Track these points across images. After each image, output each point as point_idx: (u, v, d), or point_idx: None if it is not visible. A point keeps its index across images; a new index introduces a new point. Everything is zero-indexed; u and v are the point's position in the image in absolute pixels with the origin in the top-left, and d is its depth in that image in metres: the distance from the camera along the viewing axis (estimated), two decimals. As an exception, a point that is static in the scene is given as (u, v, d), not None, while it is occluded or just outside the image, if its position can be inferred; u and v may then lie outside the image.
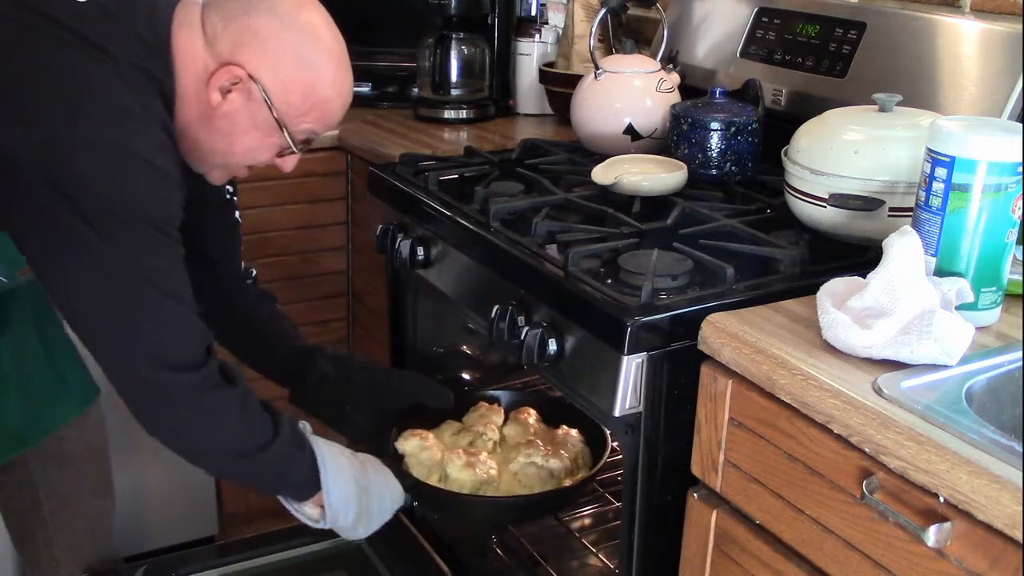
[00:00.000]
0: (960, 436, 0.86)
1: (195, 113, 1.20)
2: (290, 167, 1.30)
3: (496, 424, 1.56)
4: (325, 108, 1.23)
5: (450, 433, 1.54)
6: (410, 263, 1.54)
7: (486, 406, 1.60)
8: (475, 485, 1.43)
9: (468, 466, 1.43)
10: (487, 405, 1.61)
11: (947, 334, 0.97)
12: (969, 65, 1.44)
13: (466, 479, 1.42)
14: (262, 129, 1.22)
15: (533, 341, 1.22)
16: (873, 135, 1.27)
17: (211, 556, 1.68)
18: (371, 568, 1.63)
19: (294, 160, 1.29)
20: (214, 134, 1.22)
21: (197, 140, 1.23)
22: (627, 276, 1.23)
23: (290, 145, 1.24)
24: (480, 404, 1.61)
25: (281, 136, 1.22)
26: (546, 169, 1.67)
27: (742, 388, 1.06)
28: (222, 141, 1.23)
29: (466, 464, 1.43)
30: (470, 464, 1.43)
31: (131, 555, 1.85)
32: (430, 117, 2.23)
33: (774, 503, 1.04)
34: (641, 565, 1.23)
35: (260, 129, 1.22)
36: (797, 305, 1.13)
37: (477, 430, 1.53)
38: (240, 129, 1.22)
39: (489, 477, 1.43)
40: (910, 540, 0.88)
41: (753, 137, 1.57)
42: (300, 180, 2.12)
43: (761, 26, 1.78)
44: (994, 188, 1.03)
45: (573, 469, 1.48)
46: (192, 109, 1.20)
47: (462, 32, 2.22)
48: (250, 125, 1.21)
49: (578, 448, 1.52)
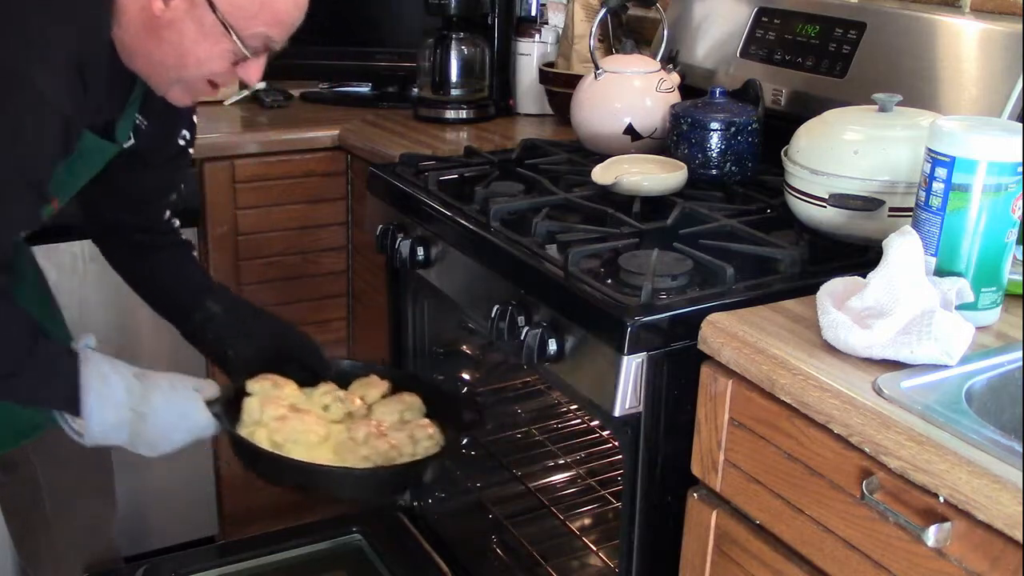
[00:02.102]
0: (960, 436, 0.86)
1: (139, 25, 1.18)
2: (254, 77, 1.26)
3: (367, 399, 1.48)
4: (275, 7, 1.20)
5: (320, 393, 1.46)
6: (410, 263, 1.54)
7: (375, 380, 1.51)
8: (283, 440, 1.34)
9: (282, 419, 1.35)
10: (378, 380, 1.52)
11: (947, 334, 0.97)
12: (969, 65, 1.44)
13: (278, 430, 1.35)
14: (210, 36, 1.18)
15: (533, 341, 1.22)
16: (873, 135, 1.27)
17: (211, 556, 1.68)
18: (371, 568, 1.63)
19: (255, 69, 1.25)
20: (163, 46, 1.19)
21: (148, 55, 1.20)
22: (627, 276, 1.24)
23: (242, 51, 1.20)
24: (371, 377, 1.52)
25: (231, 41, 1.18)
26: (546, 169, 1.67)
27: (742, 388, 1.06)
28: (172, 54, 1.19)
29: (280, 417, 1.35)
30: (284, 419, 1.35)
31: (131, 555, 1.85)
32: (430, 117, 2.23)
33: (774, 503, 1.04)
34: (641, 565, 1.23)
35: (208, 36, 1.18)
36: (797, 305, 1.13)
37: (338, 395, 1.46)
38: (188, 39, 1.18)
39: (297, 436, 1.35)
40: (910, 540, 0.88)
41: (753, 137, 1.57)
42: (300, 180, 2.13)
43: (761, 26, 1.78)
44: (994, 188, 1.03)
45: (396, 459, 1.38)
46: (136, 21, 1.18)
47: (462, 32, 2.22)
48: (197, 33, 1.18)
49: (424, 446, 1.41)
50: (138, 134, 1.35)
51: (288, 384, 1.44)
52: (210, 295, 1.51)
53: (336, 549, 1.65)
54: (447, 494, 1.83)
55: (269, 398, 1.39)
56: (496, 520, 1.74)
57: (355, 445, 1.36)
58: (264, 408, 1.37)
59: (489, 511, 1.76)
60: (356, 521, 1.73)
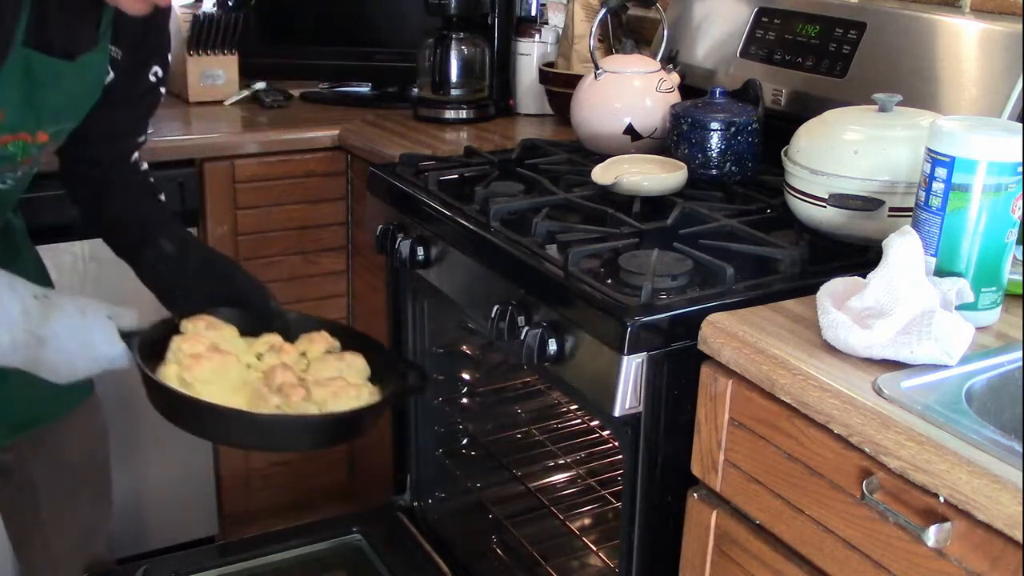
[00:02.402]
0: (960, 436, 0.86)
1: None
2: None
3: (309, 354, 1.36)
4: None
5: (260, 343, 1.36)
6: (410, 263, 1.54)
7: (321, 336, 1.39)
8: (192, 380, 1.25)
9: (196, 358, 1.26)
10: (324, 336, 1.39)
11: (947, 334, 0.97)
12: (969, 65, 1.44)
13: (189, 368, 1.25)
14: None
15: (533, 341, 1.22)
16: (873, 135, 1.27)
17: (211, 556, 1.68)
18: (371, 568, 1.63)
19: None
20: None
21: None
22: (627, 276, 1.24)
23: None
24: (319, 332, 1.40)
25: None
26: (546, 169, 1.67)
27: (742, 388, 1.06)
28: None
29: (195, 355, 1.26)
30: (198, 357, 1.26)
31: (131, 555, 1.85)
32: (430, 117, 2.23)
33: (774, 503, 1.04)
34: (641, 565, 1.23)
35: None
36: (797, 305, 1.13)
37: (275, 345, 1.35)
38: None
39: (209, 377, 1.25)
40: (910, 540, 0.88)
41: (753, 137, 1.57)
42: (300, 180, 2.13)
43: (761, 26, 1.78)
44: (994, 188, 1.03)
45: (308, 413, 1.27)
46: None
47: (462, 32, 2.22)
48: None
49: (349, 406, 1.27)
50: (115, 67, 1.34)
51: (226, 327, 1.35)
52: (163, 232, 1.45)
53: (336, 549, 1.65)
54: (447, 494, 1.83)
55: (191, 337, 1.30)
56: (496, 520, 1.74)
57: (267, 393, 1.26)
58: (181, 345, 1.28)
59: (489, 511, 1.76)
60: (356, 521, 1.73)
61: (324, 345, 1.37)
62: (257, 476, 2.25)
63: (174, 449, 2.13)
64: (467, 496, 1.81)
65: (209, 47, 2.26)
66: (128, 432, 2.06)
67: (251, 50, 2.33)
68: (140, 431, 2.10)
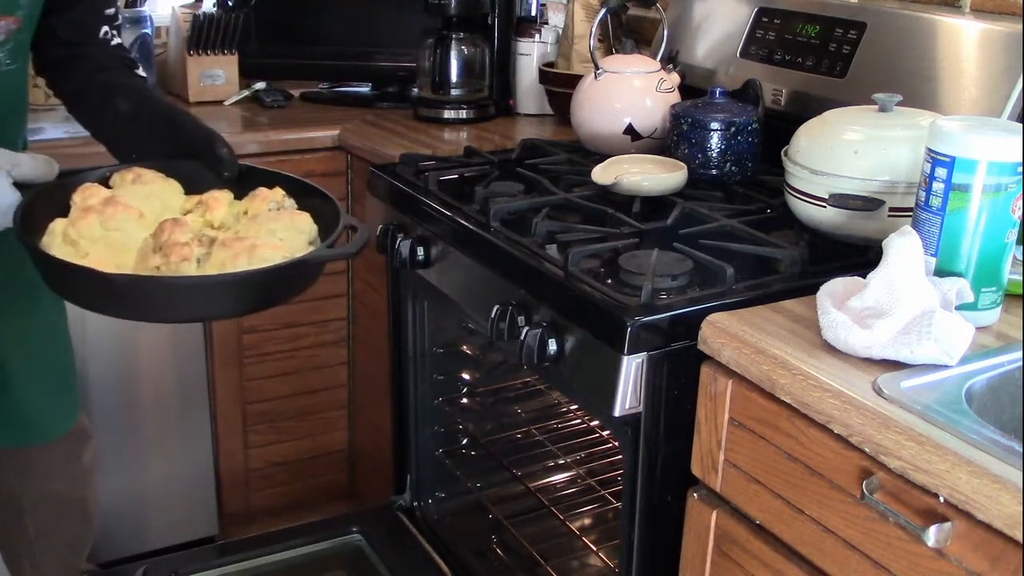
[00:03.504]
0: (960, 436, 0.86)
1: None
2: None
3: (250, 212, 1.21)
4: None
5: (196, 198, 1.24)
6: (410, 263, 1.54)
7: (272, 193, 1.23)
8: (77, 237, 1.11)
9: (84, 211, 1.13)
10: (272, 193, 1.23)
11: (947, 334, 0.97)
12: (969, 65, 1.44)
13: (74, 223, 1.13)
14: None
15: (533, 341, 1.22)
16: (873, 135, 1.27)
17: (211, 556, 1.68)
18: (371, 568, 1.63)
19: None
20: None
21: None
22: (627, 276, 1.24)
23: None
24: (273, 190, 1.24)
25: None
26: (546, 169, 1.67)
27: (742, 388, 1.06)
28: None
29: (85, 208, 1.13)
30: (87, 211, 1.13)
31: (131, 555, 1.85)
32: (430, 117, 2.23)
33: (774, 503, 1.04)
34: (641, 565, 1.23)
35: None
36: (797, 305, 1.13)
37: (206, 200, 1.22)
38: None
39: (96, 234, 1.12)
40: (910, 540, 0.88)
41: (753, 137, 1.57)
42: (300, 180, 2.13)
43: (761, 26, 1.78)
44: (994, 188, 1.03)
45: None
46: None
47: (462, 32, 2.22)
48: None
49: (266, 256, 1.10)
50: None
51: (166, 183, 1.23)
52: (120, 92, 1.37)
53: (336, 549, 1.65)
54: (447, 494, 1.83)
55: (88, 189, 1.17)
56: (496, 520, 1.74)
57: (150, 253, 1.09)
58: (75, 197, 1.16)
59: (489, 511, 1.76)
60: (356, 521, 1.73)
61: (266, 201, 1.22)
62: (257, 476, 2.25)
63: (174, 449, 2.13)
64: (467, 496, 1.81)
65: (209, 47, 2.26)
66: (128, 432, 2.06)
67: (251, 50, 2.33)
68: (140, 431, 2.10)
